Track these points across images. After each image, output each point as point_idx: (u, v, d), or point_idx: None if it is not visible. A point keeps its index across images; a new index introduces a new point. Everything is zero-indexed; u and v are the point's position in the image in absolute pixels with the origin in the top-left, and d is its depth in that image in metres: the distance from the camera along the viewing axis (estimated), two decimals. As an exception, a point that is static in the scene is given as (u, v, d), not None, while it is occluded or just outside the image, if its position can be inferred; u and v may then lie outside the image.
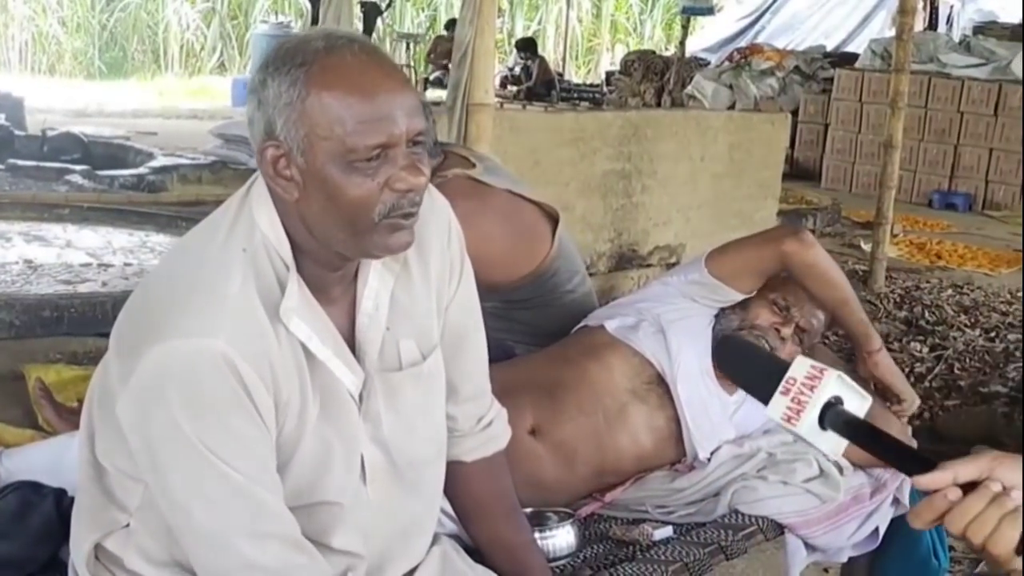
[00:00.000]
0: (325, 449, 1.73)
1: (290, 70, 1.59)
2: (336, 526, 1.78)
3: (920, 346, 6.27)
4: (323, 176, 1.60)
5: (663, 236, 7.03)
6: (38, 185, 8.59)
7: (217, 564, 1.66)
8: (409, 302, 1.84)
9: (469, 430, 2.04)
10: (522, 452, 2.48)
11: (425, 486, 1.92)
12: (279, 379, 1.65)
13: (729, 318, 2.80)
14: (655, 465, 2.78)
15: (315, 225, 1.66)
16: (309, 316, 1.68)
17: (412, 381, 1.84)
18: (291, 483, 1.71)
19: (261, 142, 1.63)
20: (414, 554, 1.95)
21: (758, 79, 14.39)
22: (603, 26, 24.78)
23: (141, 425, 1.62)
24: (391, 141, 1.60)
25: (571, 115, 8.71)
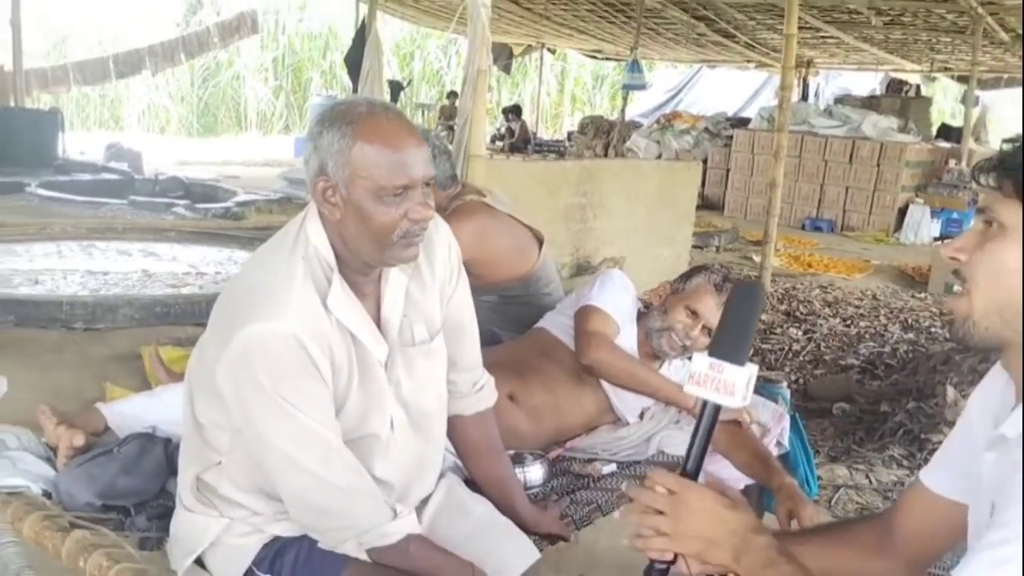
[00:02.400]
0: (364, 402, 1.75)
1: (341, 126, 1.64)
2: (376, 458, 1.78)
3: (796, 331, 6.27)
4: (360, 205, 1.64)
5: (609, 251, 7.03)
6: (152, 215, 8.62)
7: (298, 483, 1.67)
8: (420, 296, 1.86)
9: (467, 392, 2.05)
10: (504, 412, 2.47)
11: (433, 433, 1.93)
12: (334, 351, 1.67)
13: (652, 317, 2.79)
14: (600, 423, 2.79)
15: (350, 240, 1.69)
16: (348, 306, 1.71)
17: (422, 355, 1.86)
18: (343, 424, 1.72)
19: (315, 176, 1.67)
20: (427, 484, 1.96)
21: (678, 137, 14.41)
22: (565, 98, 24.80)
23: (235, 389, 1.63)
24: (411, 183, 1.65)
25: (542, 164, 8.73)
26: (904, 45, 13.21)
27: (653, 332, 2.75)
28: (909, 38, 12.57)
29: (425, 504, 1.95)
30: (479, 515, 1.99)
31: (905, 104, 14.42)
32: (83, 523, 1.93)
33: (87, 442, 2.22)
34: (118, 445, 2.19)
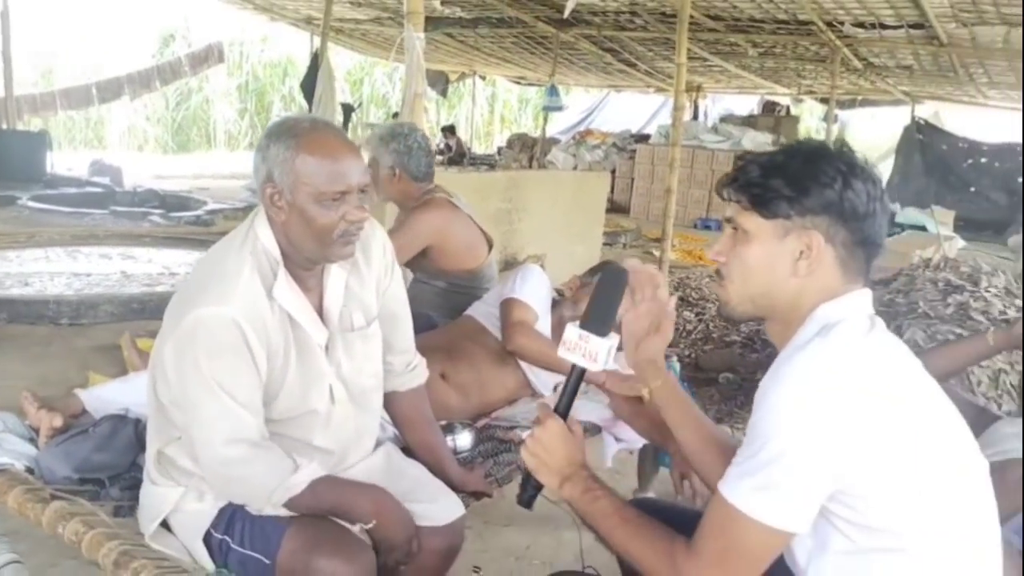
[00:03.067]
0: (304, 380, 1.73)
1: (286, 139, 1.63)
2: (316, 430, 1.76)
3: (689, 314, 6.33)
4: (303, 208, 1.63)
5: (532, 248, 7.04)
6: (130, 223, 8.41)
7: (208, 456, 1.65)
8: (358, 288, 1.84)
9: (401, 371, 2.04)
10: (436, 388, 2.47)
11: (370, 405, 1.92)
12: (270, 336, 1.65)
13: (566, 307, 2.80)
14: (519, 397, 2.80)
15: (295, 239, 1.68)
16: (292, 296, 1.69)
17: (361, 339, 1.84)
18: (285, 402, 1.70)
19: (263, 183, 1.66)
20: (364, 449, 1.94)
21: (591, 151, 14.51)
22: (495, 118, 24.77)
23: (177, 363, 1.61)
24: (348, 189, 1.65)
25: (475, 175, 8.71)
26: (776, 72, 13.47)
27: (566, 319, 2.77)
28: (780, 66, 12.81)
29: (362, 466, 1.92)
30: (413, 476, 1.98)
31: (777, 122, 14.71)
32: (62, 495, 1.88)
33: (65, 423, 2.17)
34: (93, 425, 2.13)
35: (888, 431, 1.23)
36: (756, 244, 1.35)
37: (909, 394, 1.28)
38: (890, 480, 1.24)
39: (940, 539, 1.27)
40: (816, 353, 1.26)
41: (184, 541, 1.75)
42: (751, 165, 1.36)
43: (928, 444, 1.28)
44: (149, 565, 1.63)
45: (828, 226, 1.32)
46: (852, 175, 1.31)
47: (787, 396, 1.23)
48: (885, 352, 1.30)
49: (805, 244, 1.32)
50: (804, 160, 1.33)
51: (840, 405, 1.21)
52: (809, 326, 1.33)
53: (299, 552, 1.64)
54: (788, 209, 1.32)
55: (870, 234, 1.33)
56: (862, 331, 1.31)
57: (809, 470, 1.22)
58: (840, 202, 1.30)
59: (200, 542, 1.73)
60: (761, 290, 1.37)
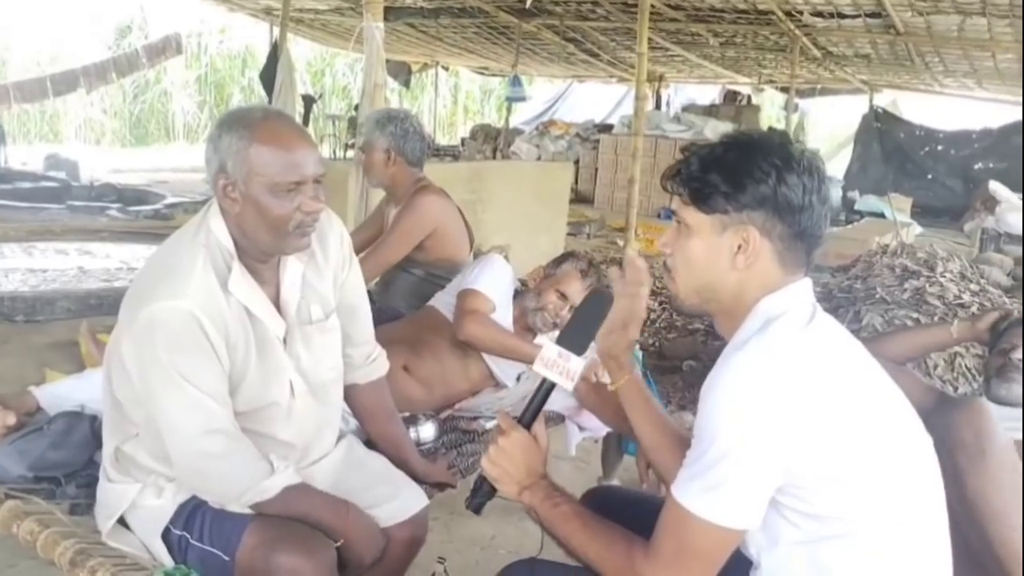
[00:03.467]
0: (264, 373, 1.71)
1: (238, 129, 1.60)
2: (277, 423, 1.75)
3: (652, 302, 6.36)
4: (257, 199, 1.61)
5: (497, 239, 6.99)
6: (87, 218, 8.24)
7: (183, 449, 1.63)
8: (316, 280, 1.83)
9: (362, 363, 2.03)
10: (399, 381, 2.47)
11: (330, 398, 1.91)
12: (229, 329, 1.63)
13: (528, 298, 2.80)
14: (483, 388, 2.80)
15: (249, 231, 1.66)
16: (247, 290, 1.67)
17: (319, 331, 1.83)
18: (246, 394, 1.69)
19: (216, 174, 1.63)
20: (327, 443, 1.93)
21: (554, 141, 14.52)
22: (459, 109, 24.64)
23: (137, 360, 1.59)
24: (302, 180, 1.62)
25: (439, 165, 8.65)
26: (737, 62, 13.56)
27: (529, 310, 2.77)
28: (741, 56, 12.90)
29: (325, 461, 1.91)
30: (376, 468, 1.98)
31: (739, 111, 14.84)
32: (16, 494, 1.85)
33: (19, 421, 2.14)
34: (48, 422, 2.10)
35: (830, 422, 1.25)
36: (697, 238, 1.37)
37: (849, 383, 1.30)
38: (836, 469, 1.26)
39: (888, 523, 1.30)
40: (755, 351, 1.27)
41: (142, 538, 1.73)
42: (692, 158, 1.38)
43: (871, 430, 1.30)
44: (106, 563, 1.61)
45: (764, 221, 1.33)
46: (787, 169, 1.32)
47: (728, 396, 1.25)
48: (825, 343, 1.32)
49: (742, 238, 1.34)
50: (740, 154, 1.34)
51: (780, 402, 1.22)
52: (751, 321, 1.35)
53: (259, 548, 1.63)
54: (725, 204, 1.33)
55: (807, 227, 1.34)
56: (802, 323, 1.32)
57: (754, 468, 1.24)
58: (774, 197, 1.31)
59: (159, 539, 1.71)
60: (704, 283, 1.39)
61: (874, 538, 1.29)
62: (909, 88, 14.50)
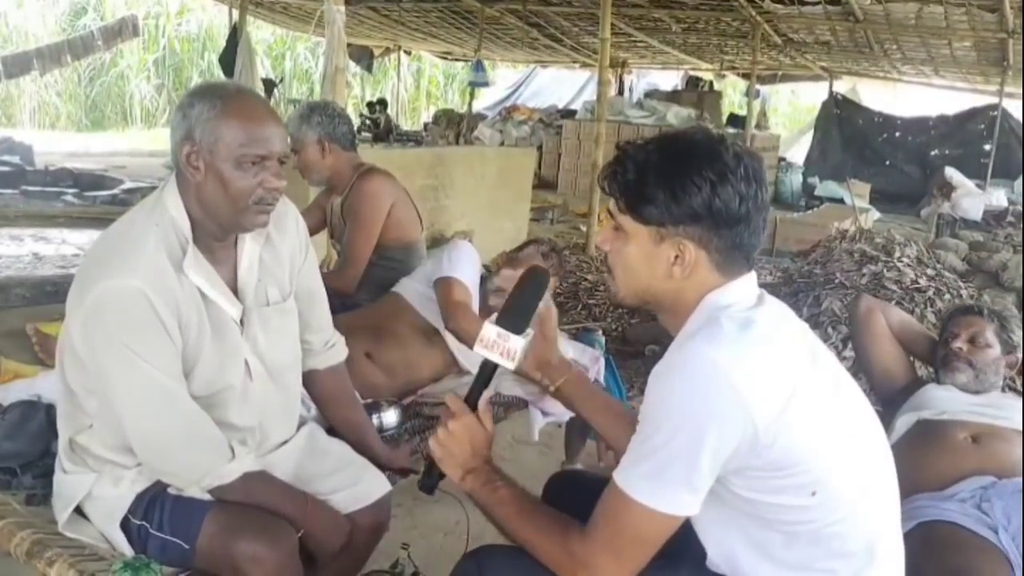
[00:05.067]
0: (219, 356, 1.70)
1: (211, 99, 1.61)
2: (233, 407, 1.74)
3: (616, 288, 6.40)
4: (220, 170, 1.62)
5: (459, 225, 7.01)
6: (43, 203, 8.09)
7: (142, 428, 1.62)
8: (272, 263, 1.82)
9: (320, 349, 2.02)
10: (361, 368, 2.47)
11: (288, 383, 1.90)
12: (181, 309, 1.62)
13: (493, 282, 2.80)
14: (446, 374, 2.80)
15: (208, 202, 1.65)
16: (202, 270, 1.66)
17: (276, 314, 1.82)
18: (200, 378, 1.67)
19: (181, 141, 1.63)
20: (286, 428, 1.92)
21: (517, 127, 14.48)
22: (421, 94, 24.49)
23: (88, 340, 1.57)
24: (268, 155, 1.63)
25: (400, 151, 8.63)
26: (699, 48, 13.64)
27: (492, 294, 2.77)
28: (703, 42, 12.97)
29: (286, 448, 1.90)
30: (337, 455, 1.97)
31: (701, 97, 14.92)
32: (-31, 486, 1.81)
33: (-27, 412, 2.08)
34: (2, 412, 2.06)
35: (775, 410, 1.26)
36: (634, 245, 1.37)
37: (798, 365, 1.31)
38: (782, 453, 1.28)
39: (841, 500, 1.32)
40: (703, 339, 1.28)
41: (101, 528, 1.71)
42: (628, 162, 1.36)
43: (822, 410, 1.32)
44: (64, 554, 1.59)
45: (700, 235, 1.33)
46: (722, 182, 1.30)
47: (673, 385, 1.26)
48: (770, 331, 1.32)
49: (678, 250, 1.34)
50: (675, 164, 1.33)
51: (729, 389, 1.23)
52: (697, 316, 1.36)
53: (220, 536, 1.62)
54: (660, 217, 1.33)
55: (743, 237, 1.34)
56: (747, 311, 1.33)
57: (696, 457, 1.25)
58: (709, 210, 1.31)
59: (117, 528, 1.69)
60: (642, 287, 1.39)
61: (826, 516, 1.32)
62: (868, 75, 14.70)
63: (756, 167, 1.34)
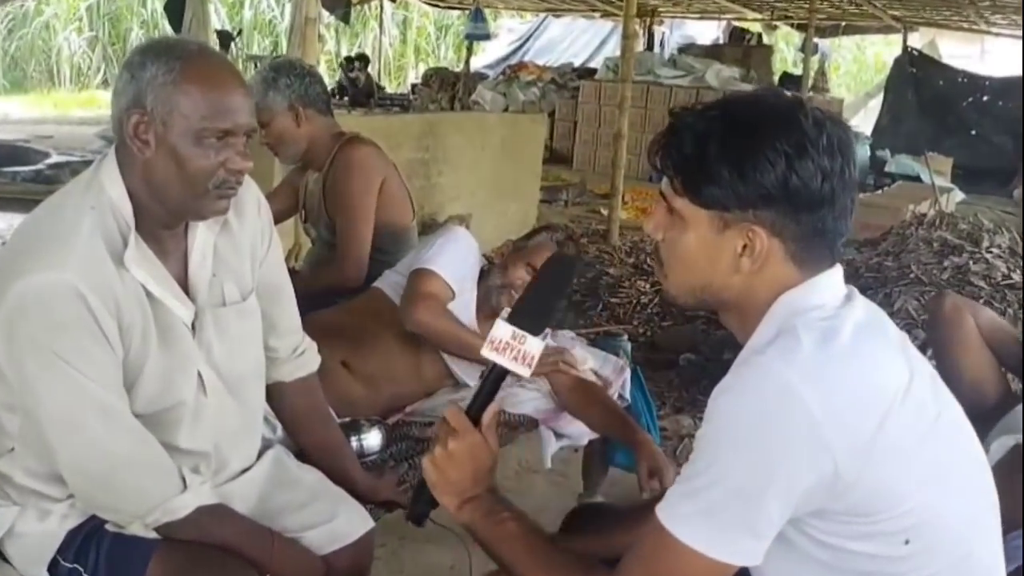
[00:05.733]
0: (167, 366, 1.70)
1: (168, 60, 1.60)
2: (183, 428, 1.73)
3: (644, 284, 6.39)
4: (176, 146, 1.61)
5: (455, 207, 7.03)
6: (-50, 181, 8.08)
7: (75, 450, 1.61)
8: (230, 253, 1.82)
9: (287, 357, 2.02)
10: (336, 379, 2.46)
11: (249, 398, 1.90)
12: (122, 310, 1.61)
13: (493, 276, 2.80)
14: (439, 388, 2.80)
15: (158, 185, 1.64)
16: (147, 264, 1.65)
17: (235, 316, 1.82)
18: (144, 393, 1.67)
19: (128, 108, 1.62)
20: (246, 454, 1.92)
21: (524, 88, 14.47)
22: (409, 49, 24.47)
23: (9, 344, 1.56)
24: (233, 129, 1.63)
25: (382, 117, 8.65)
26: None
27: (493, 290, 2.77)
28: (750, -14, 12.96)
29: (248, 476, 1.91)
30: (310, 485, 1.97)
31: (747, 53, 14.89)
32: None
33: None
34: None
35: (861, 444, 1.24)
36: (691, 233, 1.35)
37: (889, 394, 1.29)
38: (868, 495, 1.26)
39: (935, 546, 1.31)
40: (775, 357, 1.26)
41: (23, 571, 1.71)
42: (685, 132, 1.34)
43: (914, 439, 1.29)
44: (-22, 602, 1.59)
45: (773, 220, 1.31)
46: (800, 154, 1.28)
47: (738, 408, 1.25)
48: (858, 343, 1.30)
49: (747, 239, 1.32)
50: (742, 134, 1.30)
51: (799, 422, 1.22)
52: (769, 320, 1.34)
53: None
54: (724, 200, 1.31)
55: (827, 222, 1.33)
56: (831, 318, 1.31)
57: (760, 496, 1.23)
58: (785, 190, 1.29)
59: (44, 572, 1.69)
60: (701, 284, 1.38)
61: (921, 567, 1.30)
62: (950, 26, 14.65)
63: (842, 136, 1.32)
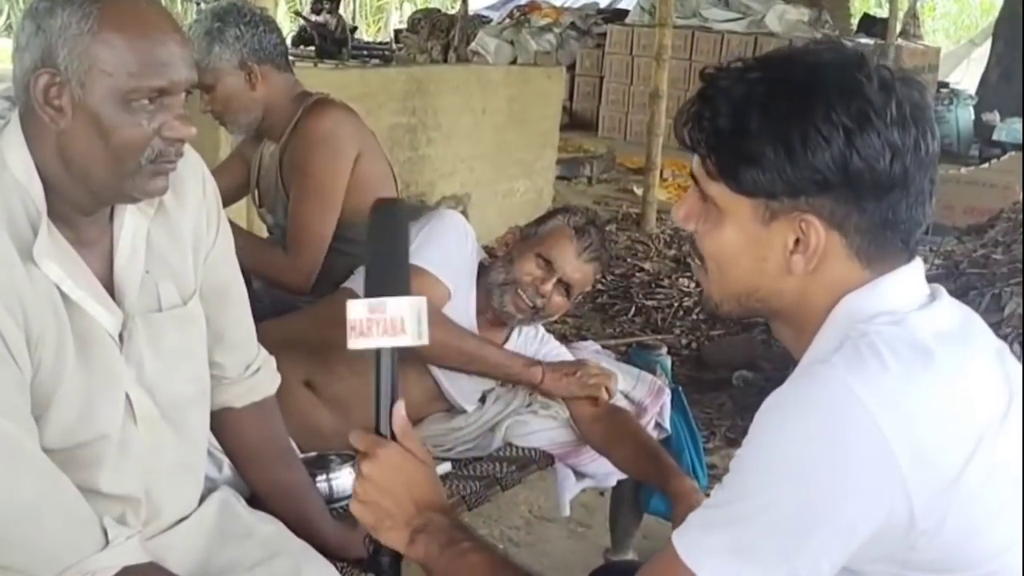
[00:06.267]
0: (87, 388, 1.69)
1: (83, 4, 1.58)
2: (105, 466, 1.73)
3: (688, 282, 6.39)
4: (98, 112, 1.59)
5: (449, 186, 7.04)
6: None
7: None
8: (167, 245, 1.82)
9: (237, 377, 2.02)
10: (298, 402, 2.47)
11: (190, 428, 1.89)
12: (30, 316, 1.60)
13: (497, 270, 2.79)
14: (428, 413, 2.81)
15: (76, 161, 1.63)
16: (61, 258, 1.64)
17: (173, 324, 1.82)
18: (57, 423, 1.66)
19: (34, 68, 1.59)
20: (186, 499, 1.92)
21: (537, 35, 14.50)
22: (390, -14, 24.62)
23: None
24: (170, 88, 1.62)
25: (356, 72, 8.66)
26: (817, -86, 13.61)
27: (495, 288, 2.75)
28: (823, -95, 12.96)
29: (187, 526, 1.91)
30: (265, 537, 1.97)
31: (819, -11, 14.89)
32: None
33: None
34: None
35: (946, 480, 1.24)
36: (731, 226, 1.35)
37: (982, 418, 1.28)
38: (950, 545, 1.26)
39: None
40: (841, 368, 1.25)
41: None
42: (719, 99, 1.32)
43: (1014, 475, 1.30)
44: None
45: (831, 209, 1.31)
46: (862, 127, 1.27)
47: (792, 425, 1.25)
48: (946, 354, 1.29)
49: (799, 231, 1.32)
50: (790, 101, 1.29)
51: (869, 448, 1.22)
52: (831, 329, 1.34)
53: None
54: (769, 185, 1.30)
55: (899, 210, 1.32)
56: (909, 323, 1.31)
57: (809, 535, 1.24)
58: (844, 173, 1.28)
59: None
60: (746, 289, 1.38)
61: None
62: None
63: (916, 101, 1.31)
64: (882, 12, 14.73)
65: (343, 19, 17.62)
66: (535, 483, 2.98)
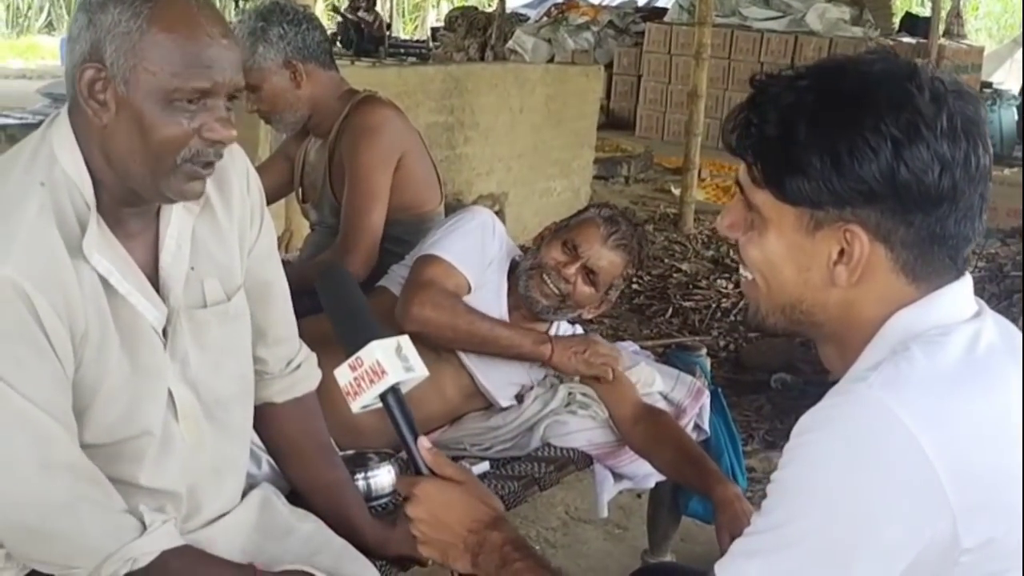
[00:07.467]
0: (131, 384, 1.71)
1: (135, 2, 1.60)
2: (144, 462, 1.74)
3: (725, 283, 6.39)
4: (140, 108, 1.61)
5: (486, 185, 7.04)
6: None
7: (9, 493, 1.61)
8: (212, 242, 1.83)
9: (279, 372, 2.04)
10: (338, 399, 2.45)
11: (234, 424, 1.91)
12: (75, 310, 1.62)
13: (525, 259, 2.79)
14: (466, 411, 2.81)
15: (117, 156, 1.65)
16: (110, 253, 1.66)
17: (218, 320, 1.83)
18: (101, 419, 1.68)
19: (82, 61, 1.62)
20: (227, 495, 1.93)
21: (575, 33, 14.47)
22: (428, -16, 24.65)
23: None
24: (213, 89, 1.63)
25: (394, 70, 8.67)
26: (859, -88, 13.52)
27: (522, 275, 2.75)
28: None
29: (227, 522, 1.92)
30: (306, 534, 1.99)
31: (862, -12, 14.79)
32: None
33: None
34: None
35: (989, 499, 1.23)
36: (775, 235, 1.35)
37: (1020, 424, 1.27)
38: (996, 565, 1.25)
39: None
40: (879, 387, 1.24)
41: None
42: (767, 107, 1.32)
43: None
44: None
45: (877, 221, 1.30)
46: (911, 138, 1.25)
47: (830, 448, 1.24)
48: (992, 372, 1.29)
49: (844, 242, 1.31)
50: (838, 111, 1.28)
51: (910, 468, 1.21)
52: (877, 347, 1.33)
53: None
54: (815, 195, 1.30)
55: (947, 225, 1.30)
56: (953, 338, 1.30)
57: (853, 560, 1.23)
58: (892, 184, 1.27)
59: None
60: (789, 299, 1.38)
61: None
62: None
63: (968, 114, 1.29)
64: (924, 11, 14.61)
65: (380, 17, 17.64)
66: (573, 484, 2.98)
